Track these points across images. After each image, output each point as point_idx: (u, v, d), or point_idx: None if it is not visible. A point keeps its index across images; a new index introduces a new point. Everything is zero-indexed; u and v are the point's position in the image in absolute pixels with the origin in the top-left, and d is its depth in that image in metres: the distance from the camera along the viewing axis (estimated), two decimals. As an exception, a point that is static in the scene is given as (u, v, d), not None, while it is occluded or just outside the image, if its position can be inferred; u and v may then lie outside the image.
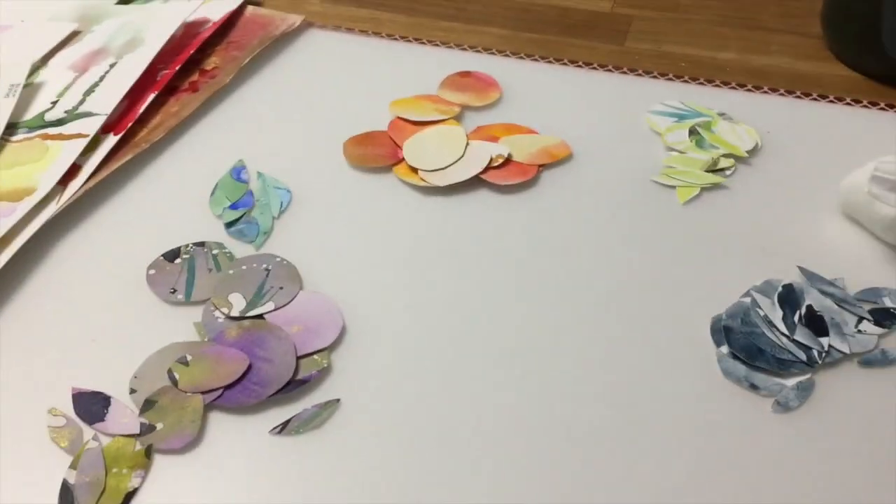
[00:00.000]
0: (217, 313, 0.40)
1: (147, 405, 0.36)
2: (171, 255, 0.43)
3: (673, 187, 0.48)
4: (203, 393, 0.36)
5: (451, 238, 0.45)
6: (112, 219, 0.46)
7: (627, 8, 0.65)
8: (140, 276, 0.42)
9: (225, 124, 0.53)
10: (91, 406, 0.36)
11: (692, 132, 0.51)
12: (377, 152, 0.50)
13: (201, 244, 0.44)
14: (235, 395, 0.36)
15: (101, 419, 0.35)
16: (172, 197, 0.48)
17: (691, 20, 0.63)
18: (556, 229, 0.46)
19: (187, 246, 0.44)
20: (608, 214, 0.47)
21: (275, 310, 0.40)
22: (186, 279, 0.42)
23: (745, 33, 0.62)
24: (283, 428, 0.35)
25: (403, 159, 0.49)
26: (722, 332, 0.39)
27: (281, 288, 0.41)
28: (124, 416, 0.36)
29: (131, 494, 0.33)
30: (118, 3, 0.62)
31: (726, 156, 0.49)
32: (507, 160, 0.49)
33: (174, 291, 0.41)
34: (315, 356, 0.38)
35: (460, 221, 0.46)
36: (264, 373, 0.37)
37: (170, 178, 0.49)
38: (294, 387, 0.36)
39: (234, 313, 0.40)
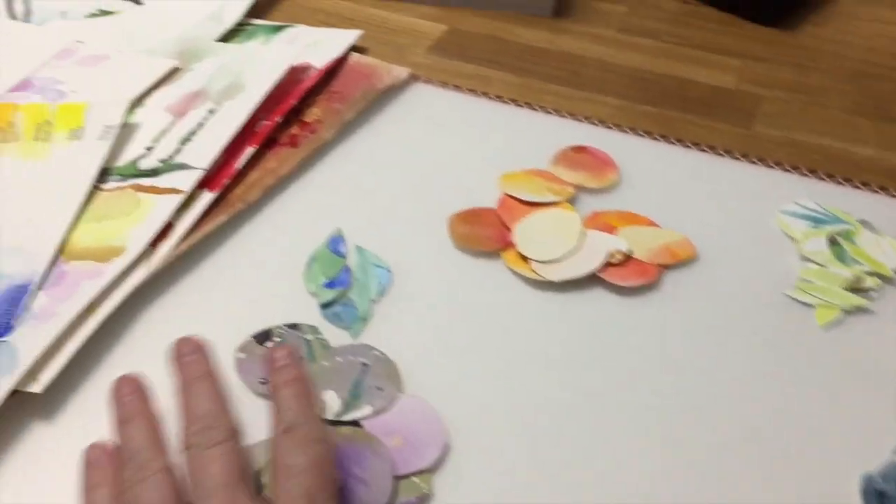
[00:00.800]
0: (310, 414, 0.36)
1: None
2: (262, 337, 0.40)
3: (811, 305, 0.43)
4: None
5: (566, 341, 0.41)
6: (200, 287, 0.43)
7: (754, 86, 0.60)
8: (228, 359, 0.39)
9: (324, 185, 0.50)
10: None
11: (832, 241, 0.46)
12: (485, 233, 0.46)
13: (295, 326, 0.40)
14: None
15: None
16: (265, 266, 0.44)
17: (824, 105, 0.58)
18: (679, 343, 0.42)
19: (279, 328, 0.40)
20: (736, 331, 0.42)
21: (372, 415, 0.36)
22: (278, 368, 0.38)
23: (882, 126, 0.57)
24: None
25: (513, 244, 0.46)
26: (875, 497, 0.34)
27: (379, 389, 0.37)
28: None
29: None
30: (218, 41, 0.60)
31: (871, 274, 0.45)
32: (627, 257, 0.45)
33: (264, 382, 0.38)
34: (415, 478, 0.34)
35: (575, 322, 0.42)
36: (357, 498, 0.33)
37: (263, 244, 0.46)
38: (391, 516, 0.33)
39: (329, 416, 0.36)
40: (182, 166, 0.47)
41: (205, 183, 0.47)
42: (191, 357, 0.36)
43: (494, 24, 0.65)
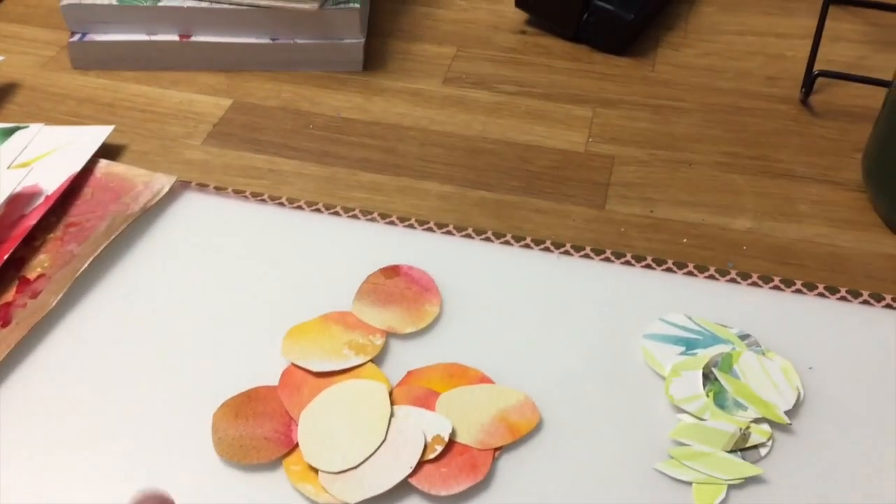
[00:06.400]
0: None
1: None
2: None
3: (689, 483, 0.33)
4: None
5: None
6: None
7: (606, 143, 0.50)
8: None
9: (46, 380, 0.37)
10: None
11: (708, 377, 0.36)
12: (262, 433, 0.35)
13: None
14: None
15: None
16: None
17: (690, 162, 0.48)
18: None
19: None
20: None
21: None
22: None
23: (763, 183, 0.47)
24: None
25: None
26: None
27: None
28: None
29: None
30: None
31: (759, 420, 0.35)
32: (450, 444, 0.34)
33: None
34: None
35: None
36: None
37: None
38: None
39: None
40: None
41: None
42: None
43: (292, 90, 0.53)
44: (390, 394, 0.36)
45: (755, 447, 0.34)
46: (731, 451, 0.34)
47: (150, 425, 0.35)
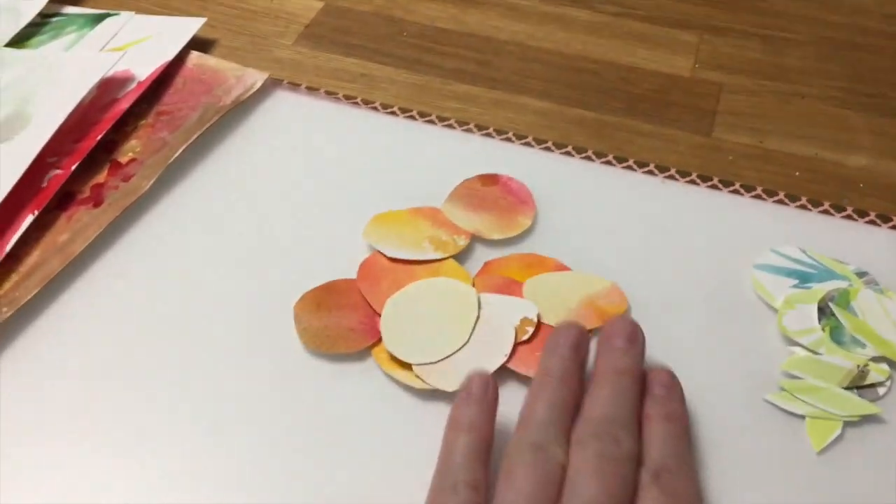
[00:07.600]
0: None
1: None
2: None
3: (801, 416, 0.32)
4: None
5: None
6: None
7: (713, 70, 0.47)
8: None
9: (135, 261, 0.36)
10: None
11: (823, 311, 0.34)
12: (346, 324, 0.33)
13: None
14: None
15: None
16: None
17: (802, 94, 0.46)
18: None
19: None
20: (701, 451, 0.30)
21: None
22: None
23: (880, 121, 0.44)
24: None
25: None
26: None
27: None
28: None
29: None
30: (10, 43, 0.45)
31: (877, 359, 0.33)
32: (539, 325, 0.33)
33: None
34: None
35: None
36: None
37: (39, 366, 0.33)
38: None
39: None
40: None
41: (-46, 278, 0.33)
42: (625, 346, 0.30)
43: (385, -4, 0.51)
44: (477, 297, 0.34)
45: (873, 386, 0.32)
46: (846, 388, 0.32)
47: (235, 312, 0.34)
